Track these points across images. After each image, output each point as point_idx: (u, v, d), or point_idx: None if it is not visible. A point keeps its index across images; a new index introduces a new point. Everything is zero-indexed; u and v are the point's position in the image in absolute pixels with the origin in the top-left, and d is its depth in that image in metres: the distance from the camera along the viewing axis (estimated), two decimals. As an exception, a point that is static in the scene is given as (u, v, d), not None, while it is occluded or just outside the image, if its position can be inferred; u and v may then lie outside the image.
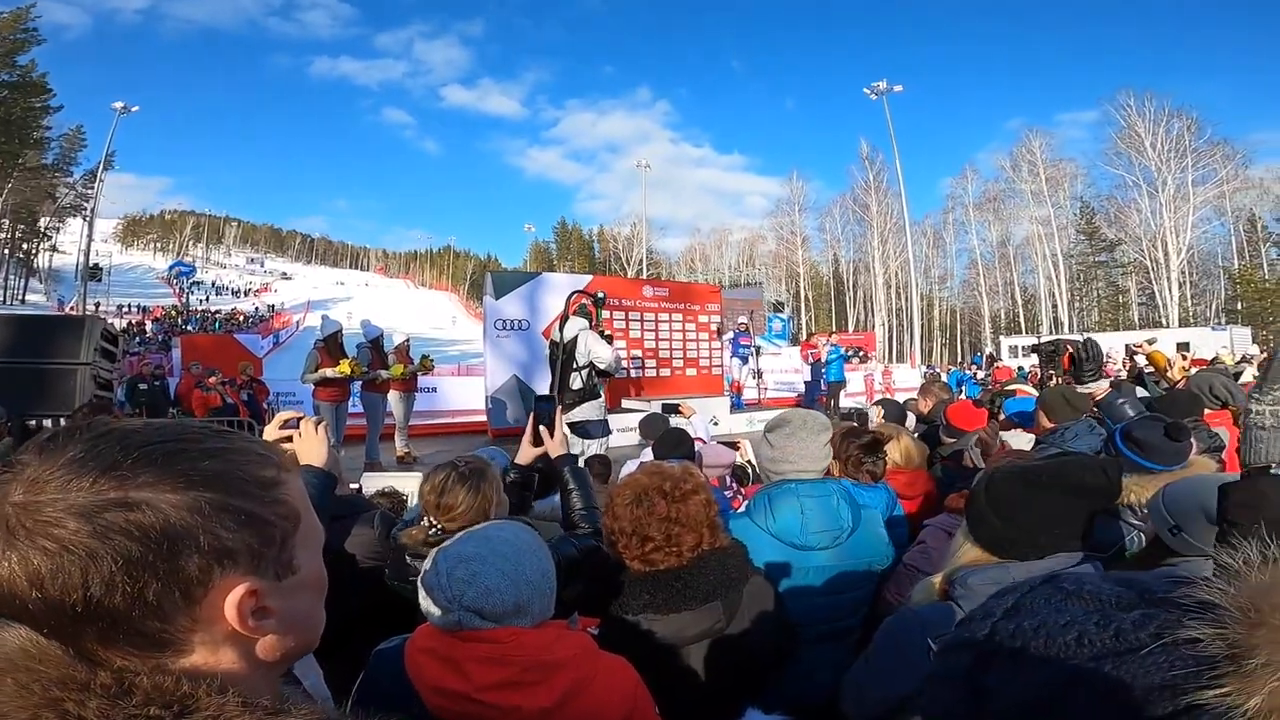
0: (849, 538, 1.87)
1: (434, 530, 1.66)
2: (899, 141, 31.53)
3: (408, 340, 7.99)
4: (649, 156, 50.08)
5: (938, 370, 18.86)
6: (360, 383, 6.60)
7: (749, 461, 4.32)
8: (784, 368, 22.37)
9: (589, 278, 12.57)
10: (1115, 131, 38.44)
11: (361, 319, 7.51)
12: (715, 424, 10.10)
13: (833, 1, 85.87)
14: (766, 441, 2.01)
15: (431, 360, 8.29)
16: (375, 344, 6.87)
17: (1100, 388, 3.18)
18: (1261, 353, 13.89)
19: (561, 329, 5.39)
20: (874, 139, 45.68)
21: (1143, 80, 62.76)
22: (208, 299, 57.92)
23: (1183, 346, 20.47)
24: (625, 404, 10.19)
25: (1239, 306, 35.69)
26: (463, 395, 14.89)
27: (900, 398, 18.26)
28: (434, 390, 15.06)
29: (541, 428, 1.94)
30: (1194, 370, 6.89)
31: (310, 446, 1.75)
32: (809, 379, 11.84)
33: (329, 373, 5.88)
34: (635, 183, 48.34)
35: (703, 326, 12.12)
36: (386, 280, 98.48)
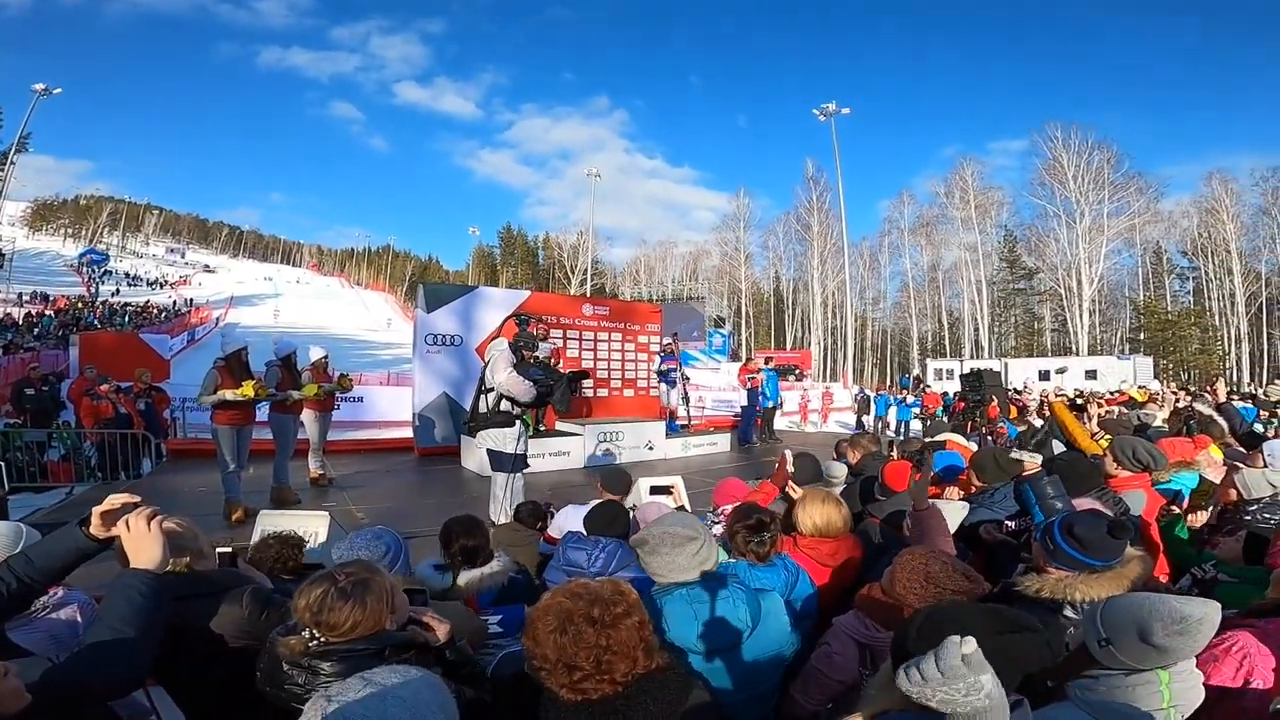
0: (751, 635, 1.80)
1: (315, 642, 1.44)
2: (843, 164, 32.61)
3: (325, 357, 7.49)
4: (602, 165, 50.29)
5: (868, 393, 19.36)
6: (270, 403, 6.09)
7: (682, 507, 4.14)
8: (722, 385, 22.51)
9: (526, 294, 12.22)
10: (1041, 162, 40.66)
11: (276, 336, 6.97)
12: (650, 449, 9.96)
13: (790, 23, 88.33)
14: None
15: (350, 380, 7.79)
16: (286, 361, 6.36)
17: (1033, 462, 3.16)
18: (1163, 386, 14.91)
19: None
20: (820, 160, 47.05)
21: (1071, 113, 67.09)
22: (119, 290, 53.87)
23: (1091, 374, 21.87)
24: (560, 426, 9.91)
25: (1142, 336, 38.40)
26: (391, 406, 14.27)
27: (835, 419, 18.53)
28: (360, 400, 14.37)
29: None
30: (1110, 414, 7.21)
31: (140, 546, 1.49)
32: (745, 403, 11.85)
33: (228, 395, 5.36)
34: (585, 190, 48.27)
35: (642, 347, 11.99)
36: (321, 278, 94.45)
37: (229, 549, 2.22)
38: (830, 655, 1.88)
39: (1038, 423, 6.97)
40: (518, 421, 4.97)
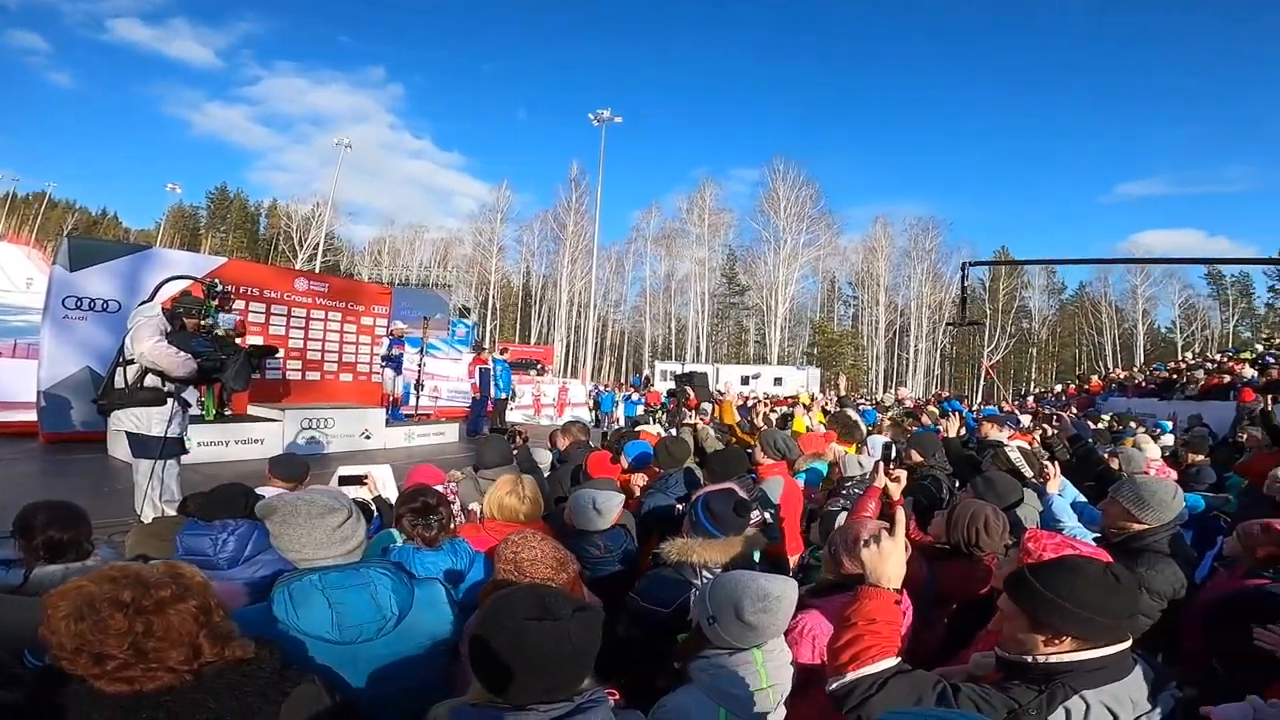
0: (399, 623, 1.69)
1: None
2: (607, 170, 34.04)
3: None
4: (361, 137, 45.05)
5: (599, 390, 20.52)
6: None
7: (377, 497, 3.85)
8: (461, 375, 21.84)
9: (221, 260, 10.40)
10: (764, 191, 47.43)
11: None
12: (368, 437, 9.20)
13: (579, 25, 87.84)
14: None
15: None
16: None
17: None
18: (823, 393, 18.52)
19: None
20: (585, 163, 48.30)
21: (797, 148, 78.47)
22: None
23: (778, 380, 26.20)
24: (252, 410, 8.61)
25: (815, 351, 47.09)
26: (14, 383, 10.98)
27: (570, 414, 19.23)
28: (-47, 375, 10.82)
29: None
30: (780, 412, 8.67)
31: None
32: (477, 395, 11.61)
33: None
34: (334, 160, 42.55)
35: (366, 329, 11.01)
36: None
37: None
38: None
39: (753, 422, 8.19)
40: (171, 400, 4.14)
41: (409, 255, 53.51)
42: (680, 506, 3.42)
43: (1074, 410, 13.67)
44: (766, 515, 3.31)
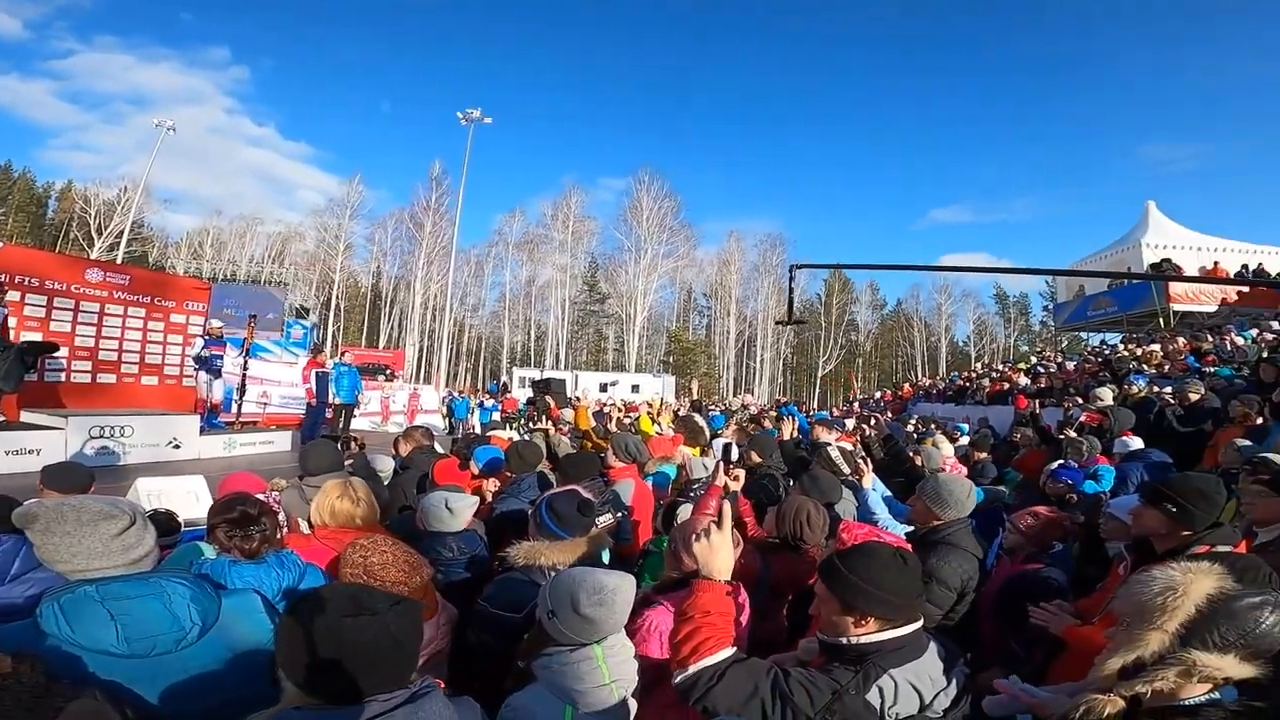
0: (204, 634, 1.53)
1: None
2: (473, 171, 32.69)
3: None
4: (190, 121, 39.24)
5: (453, 396, 19.79)
6: None
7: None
8: (295, 380, 20.06)
9: (-11, 239, 8.71)
10: (628, 201, 48.24)
11: None
12: (177, 447, 8.13)
13: (453, 19, 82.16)
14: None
15: None
16: None
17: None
18: (677, 399, 19.29)
19: None
20: (449, 162, 46.41)
21: (664, 161, 79.97)
22: None
23: (635, 388, 26.87)
24: (26, 417, 7.28)
25: (671, 359, 48.86)
26: None
27: (422, 420, 18.32)
28: None
29: None
30: (627, 420, 8.87)
31: None
32: (315, 400, 10.70)
33: None
34: (151, 143, 36.61)
35: (176, 327, 9.75)
36: None
37: None
38: None
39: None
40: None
41: (237, 249, 48.05)
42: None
43: (889, 414, 15.42)
44: (618, 516, 3.39)
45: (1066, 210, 73.16)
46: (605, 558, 2.64)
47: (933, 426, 10.32)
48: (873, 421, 6.86)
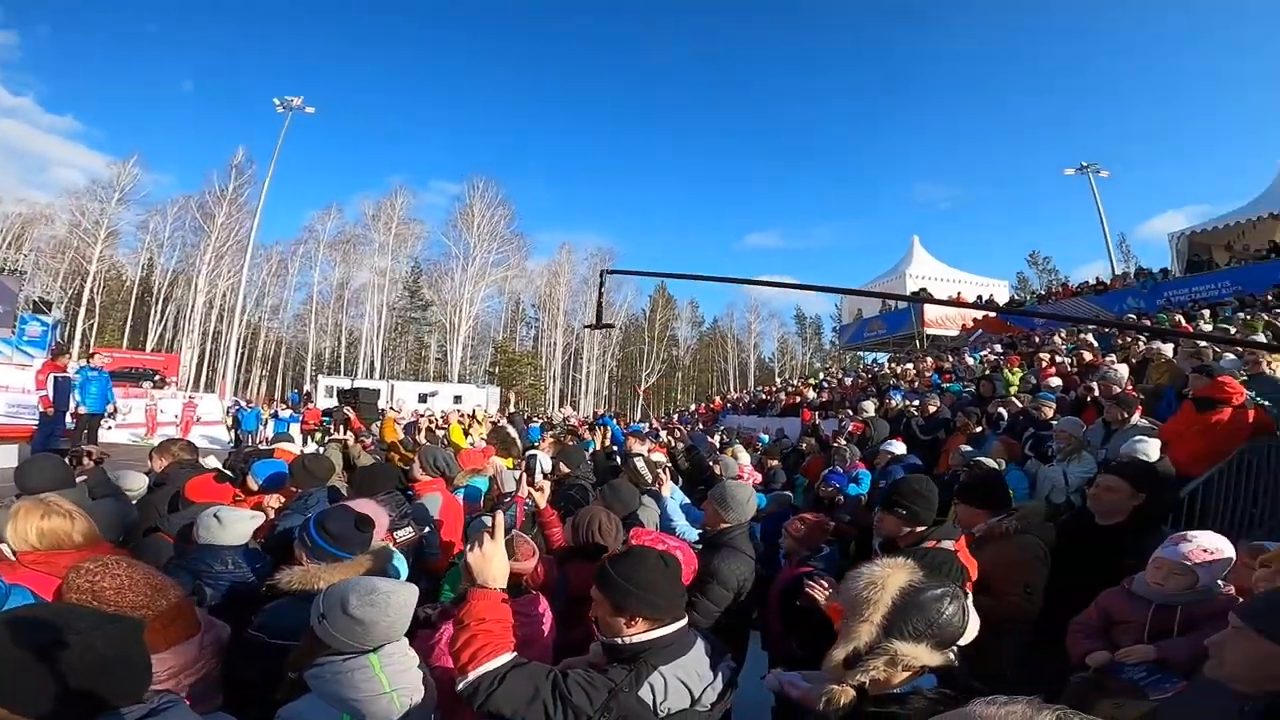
0: None
1: None
2: (287, 162, 29.28)
3: None
4: None
5: (241, 406, 17.60)
6: None
7: None
8: (29, 385, 16.54)
9: None
10: (460, 206, 46.49)
11: None
12: None
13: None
14: None
15: None
16: None
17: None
18: (500, 412, 18.93)
19: None
20: (256, 150, 40.95)
21: (499, 168, 77.20)
22: None
23: (458, 399, 25.84)
24: None
25: (497, 370, 47.83)
26: None
27: (201, 432, 16.01)
28: None
29: None
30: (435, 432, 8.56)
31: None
32: (50, 409, 8.89)
33: None
34: None
35: None
36: None
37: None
38: None
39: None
40: None
41: (-47, 229, 38.44)
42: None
43: (701, 426, 16.51)
44: (422, 531, 3.28)
45: (858, 239, 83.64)
46: (403, 573, 2.53)
47: (736, 436, 11.25)
48: (677, 434, 7.32)
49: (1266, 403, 4.80)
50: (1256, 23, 71.66)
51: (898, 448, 6.27)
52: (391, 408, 14.55)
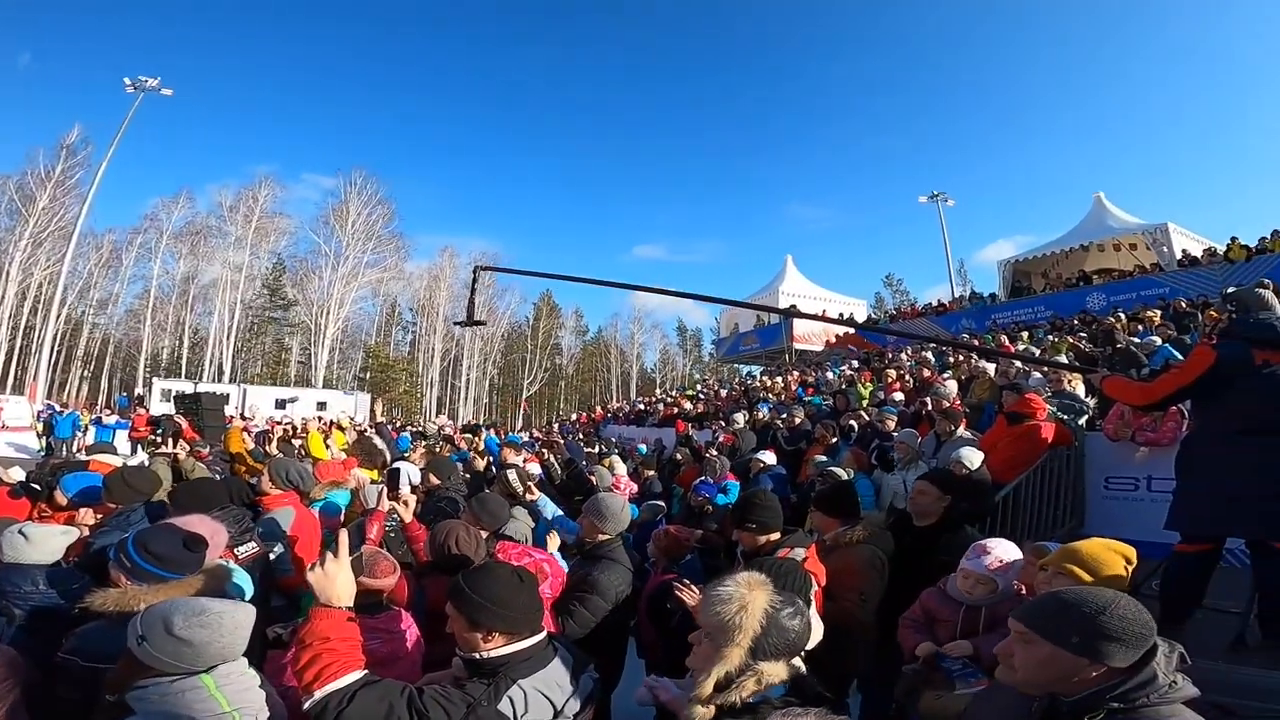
0: None
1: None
2: (132, 146, 25.69)
3: None
4: None
5: (56, 410, 15.38)
6: None
7: None
8: None
9: None
10: (334, 202, 42.92)
11: None
12: None
13: None
14: None
15: None
16: None
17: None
18: (374, 418, 17.82)
19: None
20: (94, 132, 35.61)
21: (382, 165, 72.14)
22: None
23: (321, 405, 24.05)
24: None
25: (368, 375, 45.07)
26: None
27: (7, 439, 13.76)
28: None
29: None
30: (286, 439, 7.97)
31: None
32: None
33: None
34: None
35: None
36: None
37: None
38: None
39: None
40: None
41: None
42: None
43: (582, 436, 16.52)
44: (269, 547, 3.06)
45: (740, 256, 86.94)
46: (247, 591, 2.35)
47: (615, 447, 11.38)
48: (554, 445, 7.31)
49: (1065, 416, 5.63)
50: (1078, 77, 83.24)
51: (769, 458, 6.64)
52: (242, 415, 13.30)
